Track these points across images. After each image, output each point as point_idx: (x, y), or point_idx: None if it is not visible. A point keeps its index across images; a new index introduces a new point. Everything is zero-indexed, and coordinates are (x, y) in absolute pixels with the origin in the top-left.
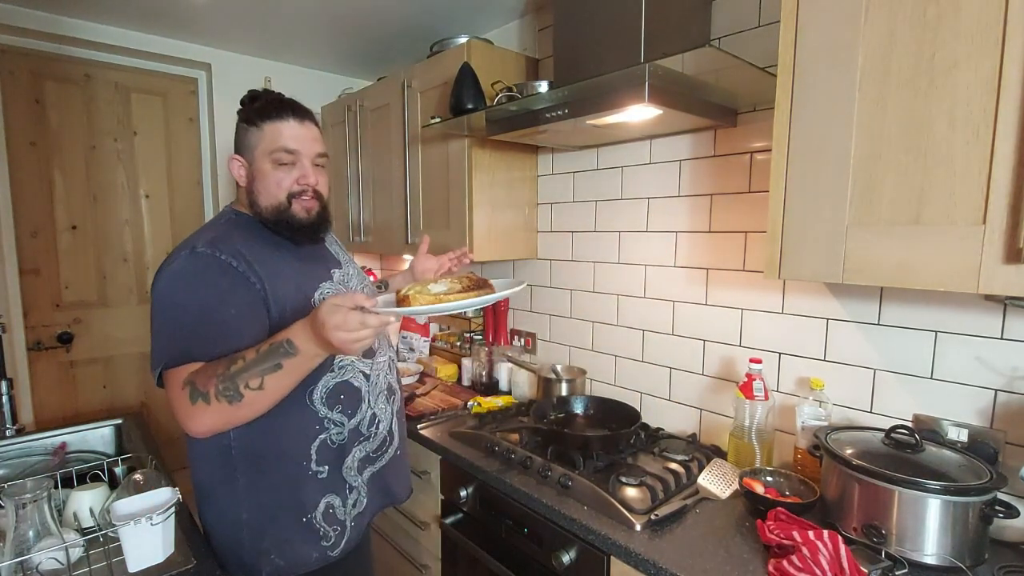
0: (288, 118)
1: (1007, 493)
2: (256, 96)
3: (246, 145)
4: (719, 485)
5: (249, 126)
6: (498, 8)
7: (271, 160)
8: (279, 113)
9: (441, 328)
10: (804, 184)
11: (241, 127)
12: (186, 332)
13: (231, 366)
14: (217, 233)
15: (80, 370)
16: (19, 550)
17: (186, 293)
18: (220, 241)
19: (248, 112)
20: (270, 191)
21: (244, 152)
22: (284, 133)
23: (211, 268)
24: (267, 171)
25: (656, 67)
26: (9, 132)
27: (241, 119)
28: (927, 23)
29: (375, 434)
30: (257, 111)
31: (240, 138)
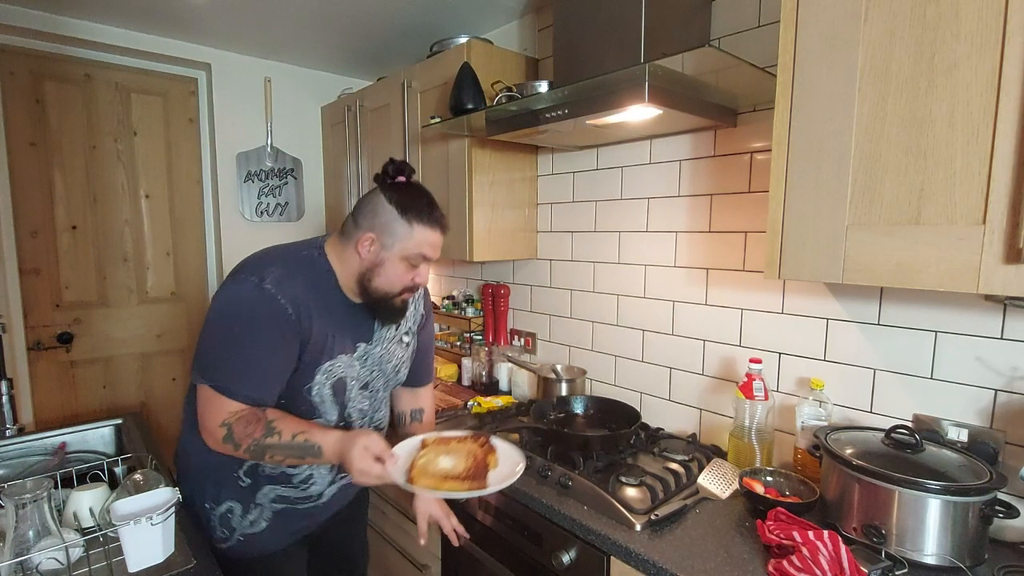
0: (438, 230)
1: (1007, 493)
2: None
3: (389, 231)
4: (719, 485)
5: (401, 217)
6: (498, 8)
7: (406, 259)
8: (433, 223)
9: (441, 328)
10: (804, 184)
11: (387, 209)
12: (235, 369)
13: (267, 437)
14: (288, 268)
15: (80, 370)
16: (19, 550)
17: (244, 328)
18: (287, 280)
19: (403, 201)
20: (391, 281)
21: (383, 236)
22: (429, 242)
23: (272, 313)
24: (397, 267)
25: (656, 67)
26: (9, 132)
27: (391, 200)
28: (927, 23)
29: (303, 489)
30: (415, 210)
31: (382, 219)
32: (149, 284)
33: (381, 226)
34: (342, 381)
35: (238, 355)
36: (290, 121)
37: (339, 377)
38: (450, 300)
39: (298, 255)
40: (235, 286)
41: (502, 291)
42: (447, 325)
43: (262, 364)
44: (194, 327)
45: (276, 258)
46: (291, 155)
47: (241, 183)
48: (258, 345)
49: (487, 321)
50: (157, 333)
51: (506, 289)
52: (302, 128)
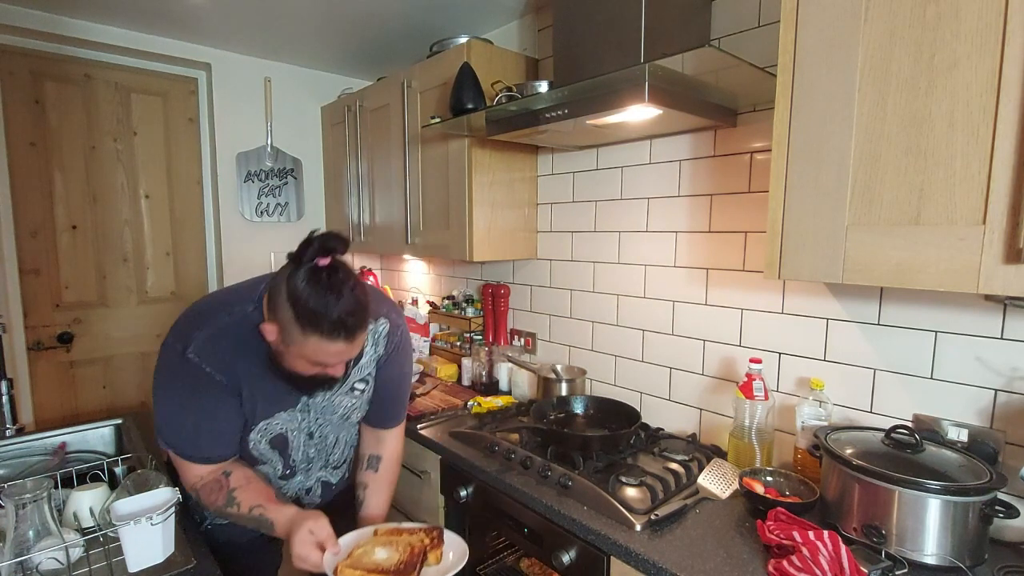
0: (339, 341)
1: (1007, 493)
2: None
3: (285, 330)
4: (719, 485)
5: (295, 321)
6: (498, 8)
7: (305, 361)
8: (333, 335)
9: (441, 328)
10: (804, 184)
11: (285, 306)
12: (186, 436)
13: (227, 507)
14: (216, 331)
15: (80, 370)
16: (19, 550)
17: (182, 398)
18: (212, 344)
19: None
20: (291, 366)
21: (281, 332)
22: (327, 353)
23: (201, 382)
24: (299, 362)
25: (656, 67)
26: (9, 132)
27: (290, 296)
28: (927, 23)
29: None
30: (312, 319)
31: (281, 313)
32: (149, 284)
33: (279, 320)
34: (282, 436)
35: (184, 422)
36: (290, 121)
37: (277, 433)
38: (450, 300)
39: (232, 312)
40: (165, 354)
41: (502, 291)
42: (447, 325)
43: (207, 427)
44: None
45: (207, 317)
46: (291, 155)
47: (241, 183)
48: (199, 412)
49: (487, 321)
50: (157, 333)
51: (506, 289)
52: (302, 128)
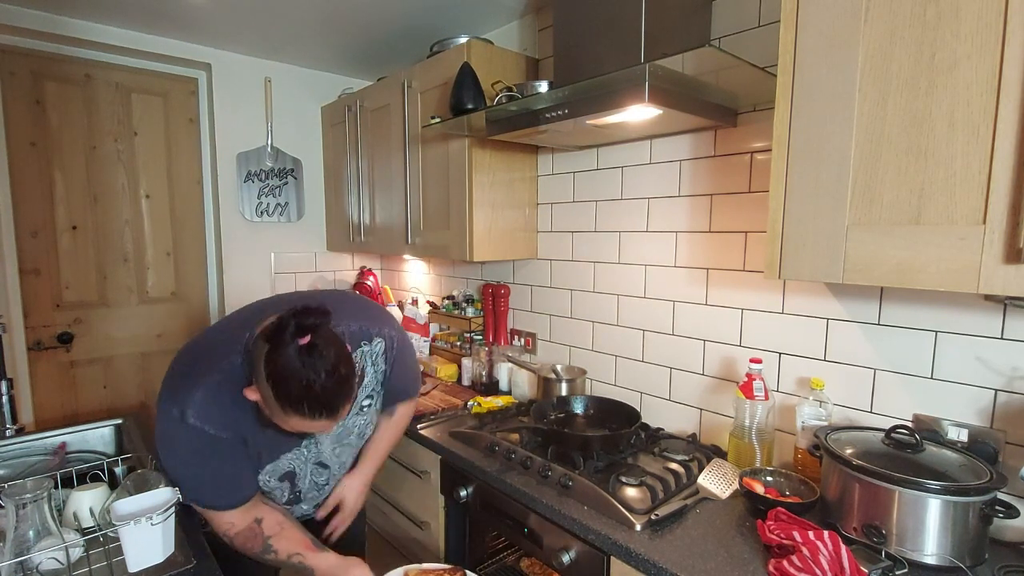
0: (319, 419)
1: (1007, 493)
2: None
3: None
4: (719, 485)
5: (275, 399)
6: (498, 8)
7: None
8: (313, 414)
9: (441, 328)
10: (804, 184)
11: (264, 384)
12: (206, 491)
13: (265, 554)
14: (211, 390)
15: (80, 370)
16: (19, 550)
17: (191, 459)
18: (210, 405)
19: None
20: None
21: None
22: (310, 427)
23: (206, 442)
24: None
25: (656, 67)
26: (9, 132)
27: (268, 376)
28: (927, 23)
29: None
30: (291, 400)
31: (262, 389)
32: (149, 284)
33: (262, 394)
34: (290, 473)
35: (201, 479)
36: (290, 121)
37: (285, 471)
38: (450, 300)
39: (221, 368)
40: (164, 420)
41: (502, 291)
42: (447, 325)
43: (224, 478)
44: (194, 327)
45: (199, 377)
46: (291, 155)
47: (241, 183)
48: (212, 468)
49: (487, 321)
50: (157, 333)
51: (506, 289)
52: (302, 128)
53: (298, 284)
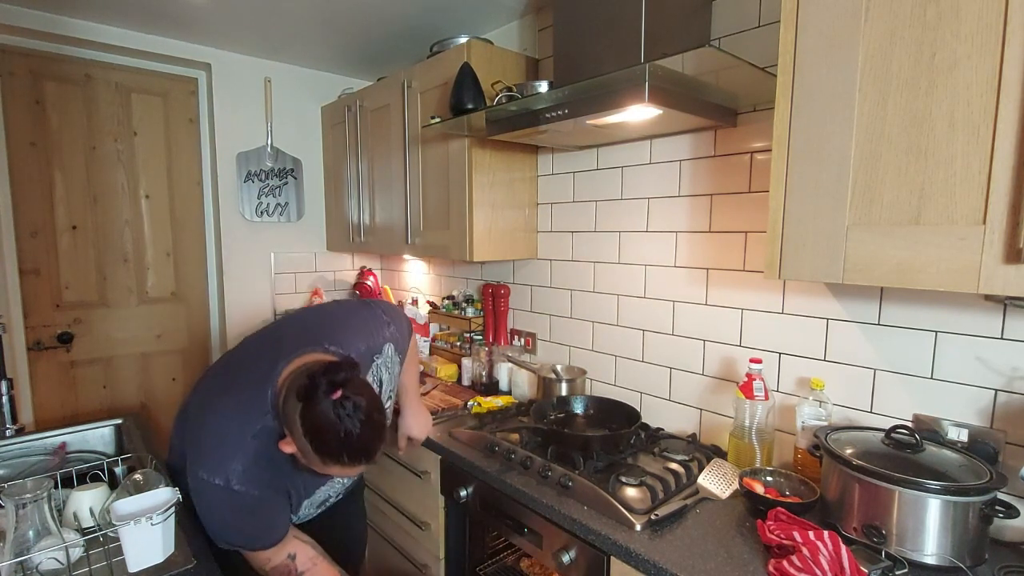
0: (358, 465)
1: (1007, 493)
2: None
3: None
4: (719, 485)
5: (314, 452)
6: (498, 8)
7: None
8: (351, 462)
9: (441, 328)
10: (804, 184)
11: (302, 440)
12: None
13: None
14: (249, 458)
15: (80, 370)
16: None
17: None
18: (252, 472)
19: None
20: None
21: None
22: (349, 472)
23: (249, 503)
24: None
25: (656, 67)
26: (9, 132)
27: (306, 433)
28: (927, 23)
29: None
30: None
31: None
32: (149, 284)
33: (299, 447)
34: (326, 497)
35: (242, 530)
36: (290, 121)
37: (322, 498)
38: (450, 300)
39: (256, 433)
40: (205, 489)
41: (502, 291)
42: (447, 325)
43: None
44: (194, 327)
45: (235, 445)
46: (291, 155)
47: (241, 183)
48: (255, 521)
49: (487, 321)
50: (157, 333)
51: (506, 289)
52: (302, 128)
53: (298, 284)
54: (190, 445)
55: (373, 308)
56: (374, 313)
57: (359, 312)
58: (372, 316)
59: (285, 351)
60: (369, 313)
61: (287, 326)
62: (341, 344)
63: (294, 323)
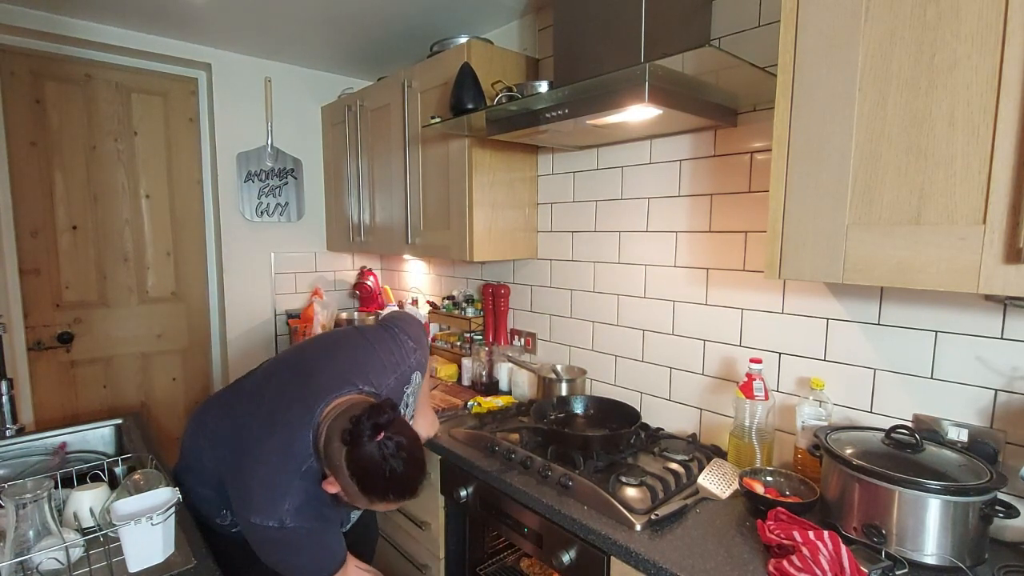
0: (404, 500)
1: (1007, 493)
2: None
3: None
4: (719, 485)
5: (361, 493)
6: (498, 8)
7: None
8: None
9: (441, 328)
10: (804, 184)
11: (348, 481)
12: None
13: None
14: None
15: (80, 370)
16: (19, 550)
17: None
18: (305, 509)
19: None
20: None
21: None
22: (393, 506)
23: (306, 535)
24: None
25: (656, 67)
26: (9, 132)
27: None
28: (927, 23)
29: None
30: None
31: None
32: (149, 284)
33: (343, 486)
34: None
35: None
36: (290, 121)
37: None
38: (450, 300)
39: (304, 475)
40: (260, 532)
41: (502, 291)
42: (447, 325)
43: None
44: (194, 327)
45: (285, 488)
46: (291, 155)
47: (241, 183)
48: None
49: (487, 321)
50: (157, 333)
51: (506, 289)
52: (302, 128)
53: (298, 284)
54: (236, 491)
55: (397, 335)
56: (399, 341)
57: (385, 343)
58: (398, 346)
59: (320, 393)
60: (394, 344)
61: (314, 360)
62: (373, 383)
63: (321, 356)
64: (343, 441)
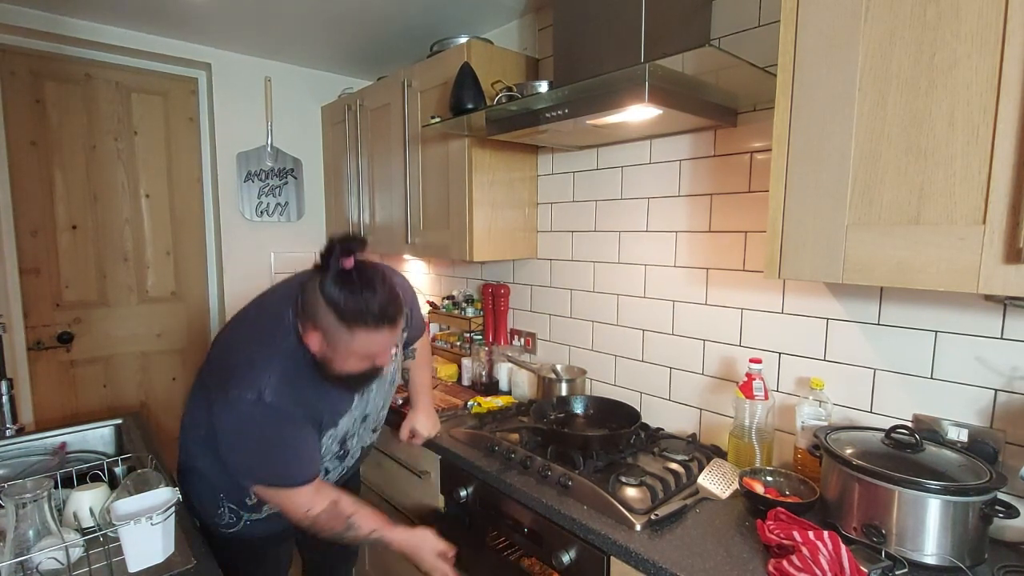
0: (384, 330)
1: (1007, 493)
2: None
3: (330, 335)
4: (719, 485)
5: (339, 322)
6: (498, 8)
7: (356, 358)
8: (378, 324)
9: (441, 328)
10: (804, 184)
11: (325, 311)
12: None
13: (347, 532)
14: (280, 372)
15: (80, 370)
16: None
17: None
18: (284, 386)
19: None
20: (343, 368)
21: (327, 337)
22: (376, 343)
23: (283, 419)
24: (350, 361)
25: (656, 67)
26: (9, 132)
27: (328, 301)
28: (927, 23)
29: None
30: (355, 314)
31: (323, 321)
32: (149, 283)
33: (323, 328)
34: (347, 432)
35: (274, 460)
36: (290, 121)
37: (344, 432)
38: (450, 300)
39: (281, 350)
40: (235, 406)
41: (502, 291)
42: (447, 325)
43: (298, 454)
44: (194, 327)
45: (265, 363)
46: (291, 155)
47: (241, 183)
48: (286, 446)
49: (487, 321)
50: (157, 332)
51: (506, 289)
52: (302, 128)
53: None
54: (216, 380)
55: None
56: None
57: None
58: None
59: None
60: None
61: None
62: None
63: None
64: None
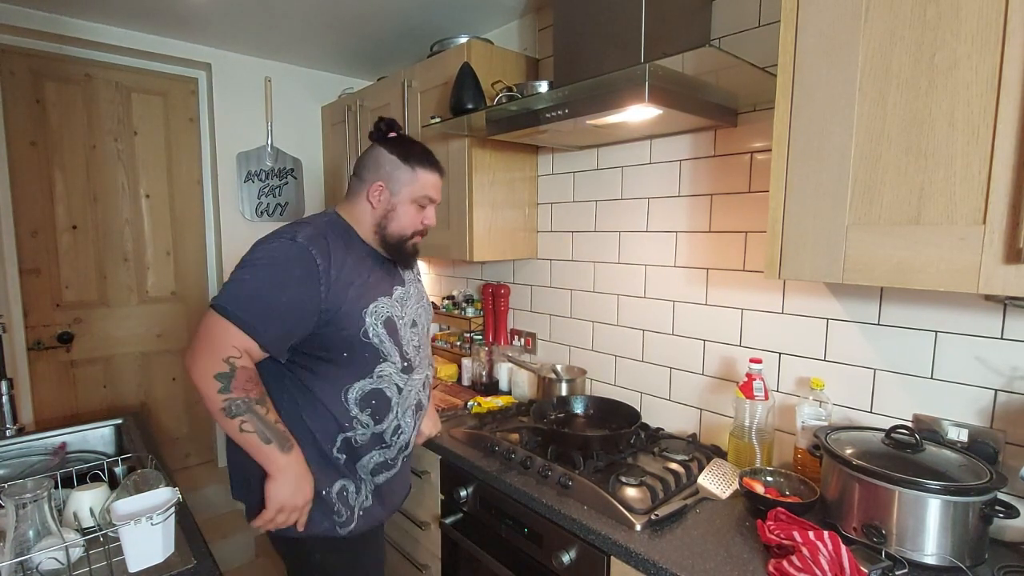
0: (437, 172)
1: (1007, 493)
2: (393, 127)
3: (394, 179)
4: (719, 485)
5: (403, 163)
6: (498, 8)
7: (414, 202)
8: (433, 166)
9: (441, 328)
10: (804, 184)
11: (389, 159)
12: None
13: (257, 404)
14: (318, 228)
15: (80, 370)
16: (19, 550)
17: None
18: (318, 238)
19: (404, 150)
20: (403, 225)
21: (390, 183)
22: (432, 183)
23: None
24: (408, 210)
25: (656, 67)
26: (9, 132)
27: (391, 151)
28: (927, 23)
29: (395, 443)
30: (416, 156)
31: (387, 169)
32: (149, 284)
33: (386, 175)
34: (391, 320)
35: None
36: (290, 121)
37: (387, 316)
38: (450, 300)
39: (321, 220)
40: (271, 241)
41: (502, 291)
42: (447, 325)
43: (278, 302)
44: (194, 327)
45: (304, 223)
46: (291, 155)
47: (241, 183)
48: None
49: (487, 321)
50: (157, 333)
51: (506, 289)
52: (302, 128)
53: None
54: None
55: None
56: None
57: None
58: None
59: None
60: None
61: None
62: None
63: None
64: (372, 139)
